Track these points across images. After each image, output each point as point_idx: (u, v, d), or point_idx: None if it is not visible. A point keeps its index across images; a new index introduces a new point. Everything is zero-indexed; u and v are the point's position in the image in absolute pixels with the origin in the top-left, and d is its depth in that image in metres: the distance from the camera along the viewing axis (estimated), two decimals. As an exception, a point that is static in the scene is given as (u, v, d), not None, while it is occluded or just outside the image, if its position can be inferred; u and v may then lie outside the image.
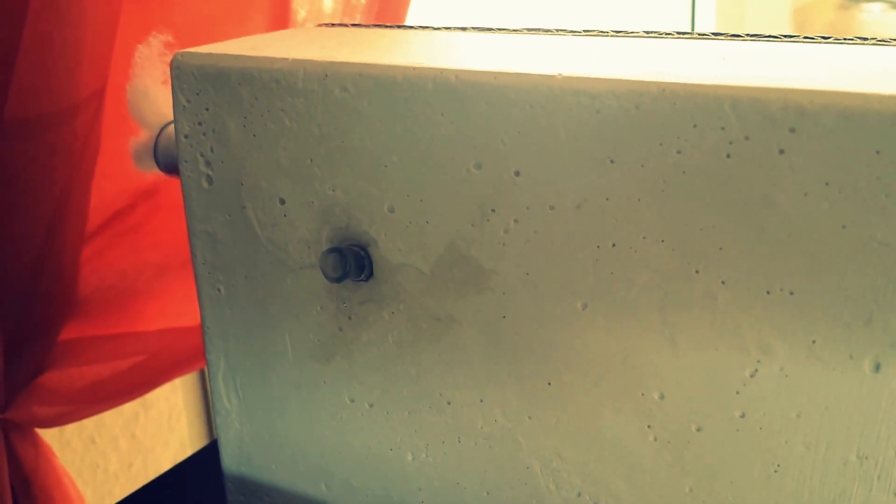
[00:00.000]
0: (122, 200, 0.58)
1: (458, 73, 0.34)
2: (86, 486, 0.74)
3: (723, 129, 0.30)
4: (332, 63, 0.37)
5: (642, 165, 0.32)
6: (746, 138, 0.30)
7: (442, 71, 0.35)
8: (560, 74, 0.33)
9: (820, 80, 0.30)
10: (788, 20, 1.50)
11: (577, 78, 0.33)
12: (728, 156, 0.31)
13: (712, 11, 1.42)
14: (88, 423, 0.73)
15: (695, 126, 0.31)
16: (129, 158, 0.47)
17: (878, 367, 0.31)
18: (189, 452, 0.82)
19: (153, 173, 0.47)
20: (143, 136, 0.46)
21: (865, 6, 1.43)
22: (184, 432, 0.82)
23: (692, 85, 0.31)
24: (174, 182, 0.58)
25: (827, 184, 0.29)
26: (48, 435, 0.63)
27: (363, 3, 0.67)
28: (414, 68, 0.35)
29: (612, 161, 0.33)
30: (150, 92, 0.44)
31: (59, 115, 0.49)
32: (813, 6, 1.51)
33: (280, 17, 0.63)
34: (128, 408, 0.76)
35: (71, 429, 0.73)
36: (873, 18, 1.42)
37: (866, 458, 0.32)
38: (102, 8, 0.48)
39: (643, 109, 0.31)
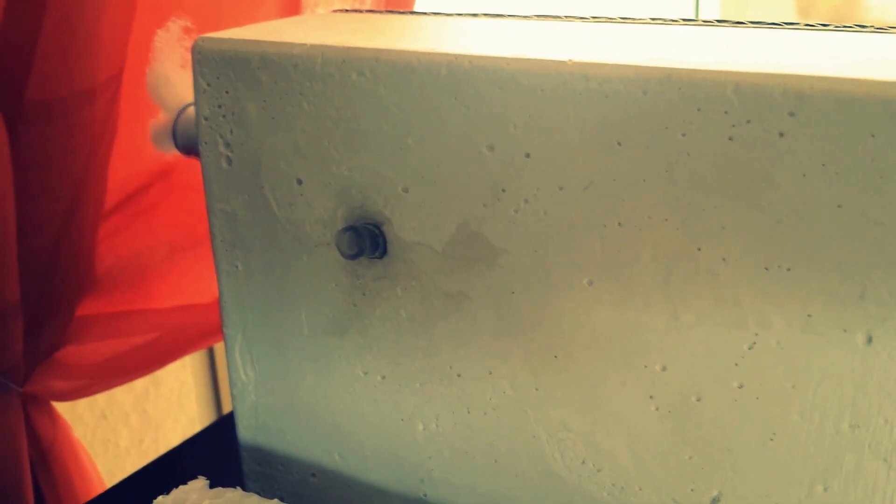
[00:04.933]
0: (137, 181, 0.60)
1: (471, 59, 0.36)
2: (97, 460, 0.76)
3: (726, 112, 0.32)
4: (349, 48, 0.38)
5: (648, 148, 0.34)
6: (748, 122, 0.32)
7: (456, 56, 0.36)
8: (570, 60, 0.34)
9: (818, 66, 0.32)
10: (792, 7, 1.51)
11: (586, 63, 0.34)
12: (730, 138, 0.32)
13: (716, -2, 1.42)
14: (100, 399, 0.75)
15: (699, 110, 0.32)
16: (144, 141, 0.48)
17: (870, 340, 0.32)
18: (198, 429, 0.84)
19: (169, 155, 0.49)
20: (163, 119, 0.47)
21: (869, -7, 1.44)
22: (193, 409, 0.84)
23: (697, 70, 0.32)
24: (187, 164, 0.59)
25: (824, 165, 0.31)
26: (60, 410, 0.65)
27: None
28: (429, 54, 0.37)
29: (619, 144, 0.34)
30: (170, 76, 0.46)
31: (79, 99, 0.50)
32: (816, -7, 1.52)
33: (291, 5, 0.64)
34: (139, 384, 0.78)
35: (83, 404, 0.74)
36: (877, 4, 1.43)
37: (858, 426, 0.33)
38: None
39: (650, 94, 0.33)
